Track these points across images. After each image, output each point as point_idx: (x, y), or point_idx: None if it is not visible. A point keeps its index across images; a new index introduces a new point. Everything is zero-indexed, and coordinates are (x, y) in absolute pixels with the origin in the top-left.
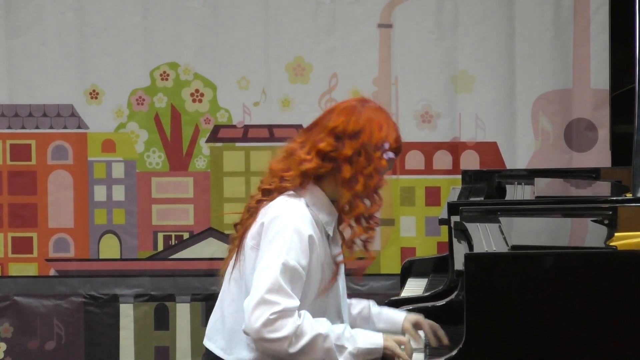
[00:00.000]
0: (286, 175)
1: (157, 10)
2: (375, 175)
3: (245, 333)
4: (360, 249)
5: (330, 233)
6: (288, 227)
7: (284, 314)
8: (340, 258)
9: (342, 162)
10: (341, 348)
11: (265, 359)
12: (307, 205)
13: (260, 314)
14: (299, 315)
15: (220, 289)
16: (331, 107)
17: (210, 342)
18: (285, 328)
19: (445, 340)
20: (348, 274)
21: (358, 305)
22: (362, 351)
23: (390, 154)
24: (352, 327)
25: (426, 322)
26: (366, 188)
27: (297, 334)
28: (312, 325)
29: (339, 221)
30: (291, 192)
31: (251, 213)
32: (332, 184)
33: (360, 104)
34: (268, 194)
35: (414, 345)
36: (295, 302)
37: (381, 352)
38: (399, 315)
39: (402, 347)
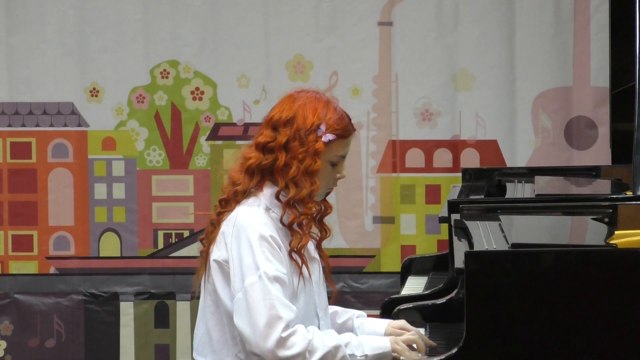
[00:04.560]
0: (237, 179)
1: (157, 8)
2: (308, 159)
3: (256, 354)
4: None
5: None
6: (253, 236)
7: (291, 328)
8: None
9: (277, 151)
10: (351, 356)
11: None
12: (268, 209)
13: (269, 334)
14: (308, 331)
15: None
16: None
17: (201, 357)
18: (297, 345)
19: (431, 343)
20: (347, 272)
21: (343, 315)
22: (371, 358)
23: (330, 136)
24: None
25: (411, 328)
26: (298, 171)
27: (309, 349)
28: (323, 340)
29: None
30: (250, 201)
31: (214, 226)
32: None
33: (297, 93)
34: (226, 205)
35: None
36: (293, 310)
37: (391, 356)
38: (380, 326)
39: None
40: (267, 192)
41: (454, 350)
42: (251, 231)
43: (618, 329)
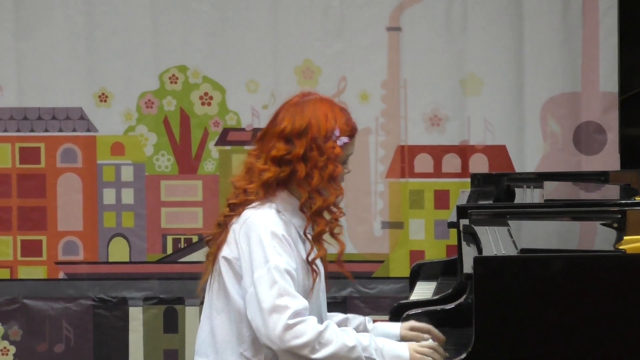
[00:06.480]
0: (249, 188)
1: (166, 13)
2: (330, 165)
3: (268, 346)
4: (329, 241)
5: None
6: (264, 233)
7: (299, 317)
8: (311, 256)
9: (296, 163)
10: (367, 359)
11: None
12: (279, 212)
13: (276, 321)
14: (326, 326)
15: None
16: (275, 110)
17: (201, 357)
18: (306, 334)
19: (442, 337)
20: (356, 277)
21: (354, 321)
22: None
23: (344, 139)
24: None
25: (421, 325)
26: (322, 180)
27: (320, 341)
28: (338, 335)
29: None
30: (258, 203)
31: (222, 228)
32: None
33: (301, 99)
34: (235, 209)
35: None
36: (303, 302)
37: None
38: (394, 328)
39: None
40: (280, 195)
41: (463, 356)
42: (262, 228)
43: (627, 334)
